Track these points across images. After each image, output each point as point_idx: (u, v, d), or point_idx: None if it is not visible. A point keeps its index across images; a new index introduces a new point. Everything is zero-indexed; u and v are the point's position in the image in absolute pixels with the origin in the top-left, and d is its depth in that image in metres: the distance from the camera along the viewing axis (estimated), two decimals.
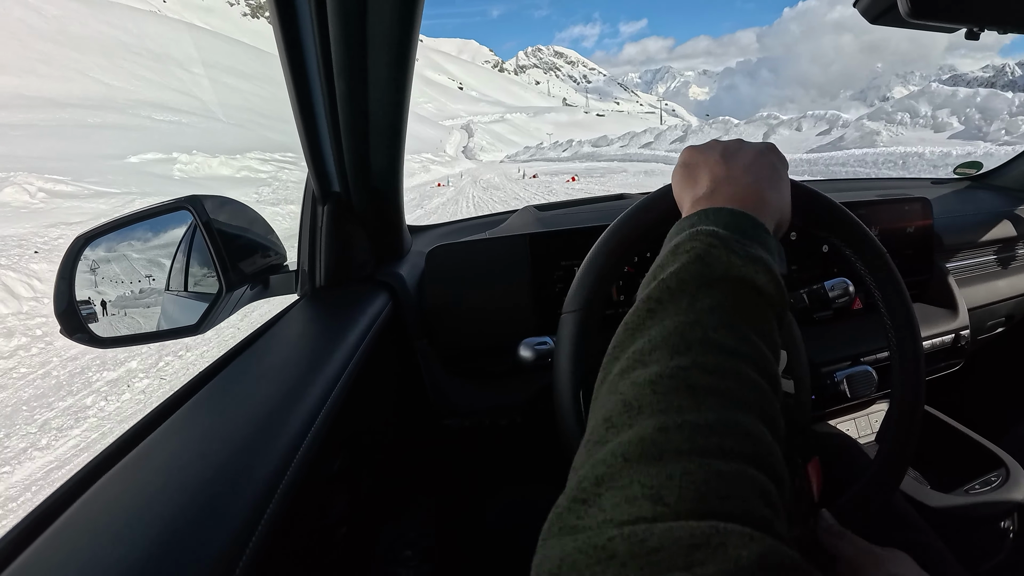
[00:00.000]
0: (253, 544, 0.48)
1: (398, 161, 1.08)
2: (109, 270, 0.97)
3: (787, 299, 0.51)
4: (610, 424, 0.39)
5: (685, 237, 0.52)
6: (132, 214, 0.94)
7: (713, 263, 0.48)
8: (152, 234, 1.00)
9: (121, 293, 0.98)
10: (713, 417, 0.37)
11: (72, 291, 0.89)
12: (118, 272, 0.98)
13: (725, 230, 0.52)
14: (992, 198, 1.87)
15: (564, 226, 1.25)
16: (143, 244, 1.00)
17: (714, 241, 0.50)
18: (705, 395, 0.39)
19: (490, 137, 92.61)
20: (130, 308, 1.00)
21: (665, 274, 0.49)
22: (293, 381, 0.75)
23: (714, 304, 0.46)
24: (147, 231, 0.99)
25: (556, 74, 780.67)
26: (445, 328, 1.17)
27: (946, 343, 1.41)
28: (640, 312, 0.47)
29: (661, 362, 0.42)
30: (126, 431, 0.67)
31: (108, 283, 0.97)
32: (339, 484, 0.79)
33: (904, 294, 0.76)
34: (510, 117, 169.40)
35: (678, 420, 0.36)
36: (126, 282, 0.99)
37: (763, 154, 0.65)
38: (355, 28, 0.80)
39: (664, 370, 0.41)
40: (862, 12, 0.96)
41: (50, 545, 0.47)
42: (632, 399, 0.39)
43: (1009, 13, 0.81)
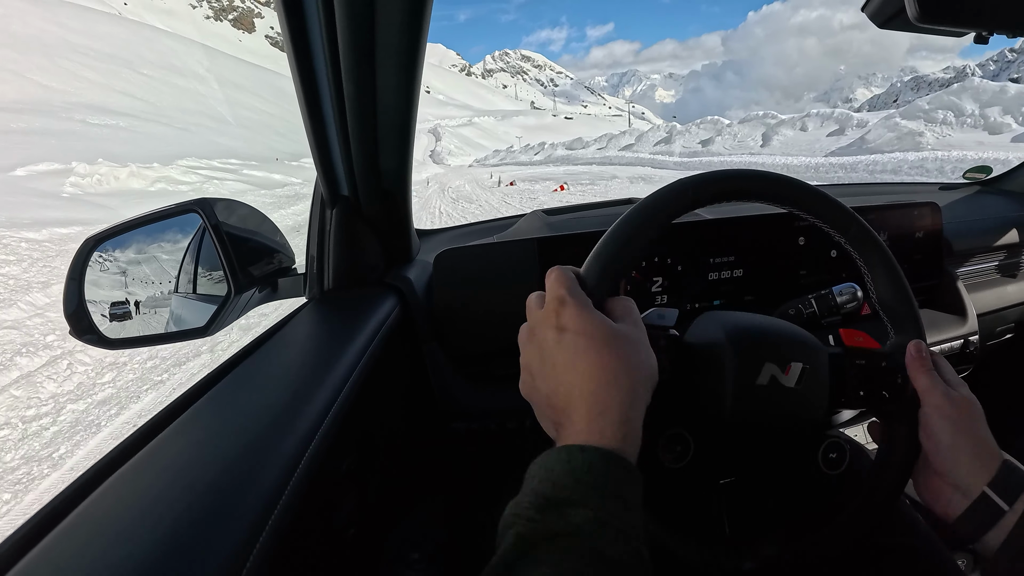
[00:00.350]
0: (260, 545, 0.48)
1: (407, 164, 1.08)
2: (119, 272, 0.97)
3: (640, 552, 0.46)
4: None
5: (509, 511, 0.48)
6: (142, 216, 0.94)
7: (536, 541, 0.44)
8: (161, 236, 1.01)
9: (130, 295, 0.99)
10: None
11: (82, 292, 0.90)
12: (128, 274, 0.98)
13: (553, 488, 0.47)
14: (1002, 203, 1.86)
15: (573, 230, 1.25)
16: (152, 246, 1.01)
17: (534, 515, 0.46)
18: None
19: (458, 141, 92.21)
20: (139, 310, 1.00)
21: (499, 550, 0.44)
22: (301, 383, 0.75)
23: None
24: (156, 233, 0.99)
25: (523, 78, 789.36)
26: (454, 331, 1.17)
27: (955, 349, 1.41)
28: None
29: None
30: (135, 431, 0.67)
31: (118, 285, 0.97)
32: (347, 486, 0.80)
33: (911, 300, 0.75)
34: (478, 121, 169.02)
35: None
36: (136, 284, 1.00)
37: (559, 343, 0.57)
38: (364, 33, 0.80)
39: None
40: (870, 16, 0.96)
41: (58, 544, 0.48)
42: None
43: (1018, 16, 0.81)
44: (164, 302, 1.03)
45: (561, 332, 0.56)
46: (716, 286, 1.25)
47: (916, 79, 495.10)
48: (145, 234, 0.97)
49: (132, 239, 0.96)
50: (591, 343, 0.55)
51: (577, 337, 0.55)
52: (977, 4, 0.80)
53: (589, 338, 0.55)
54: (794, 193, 0.72)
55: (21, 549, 0.47)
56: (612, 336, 0.56)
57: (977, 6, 0.80)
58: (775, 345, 0.70)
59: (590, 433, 0.50)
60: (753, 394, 0.68)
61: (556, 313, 0.58)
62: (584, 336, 0.55)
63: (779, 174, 0.73)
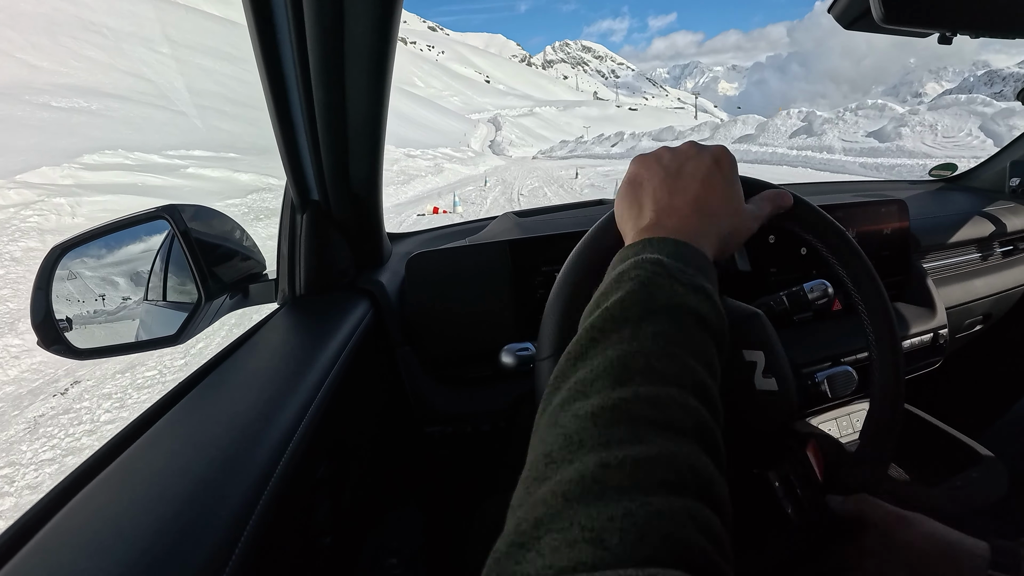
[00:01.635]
0: (237, 555, 0.48)
1: (377, 168, 1.08)
2: (86, 280, 0.96)
3: (727, 326, 0.52)
4: (550, 460, 0.38)
5: (629, 265, 0.52)
6: (109, 224, 0.93)
7: (657, 291, 0.48)
8: (129, 244, 1.00)
9: (99, 303, 0.97)
10: (655, 451, 0.36)
11: (49, 302, 0.88)
12: (95, 282, 0.97)
13: (669, 258, 0.52)
14: (967, 199, 1.90)
15: (544, 232, 1.26)
16: (121, 254, 0.99)
17: (659, 269, 0.50)
18: (647, 428, 0.38)
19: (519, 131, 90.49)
20: (108, 319, 0.99)
21: (609, 302, 0.49)
22: (274, 390, 0.74)
23: (657, 332, 0.45)
24: (124, 241, 0.98)
25: (584, 69, 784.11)
26: (427, 335, 1.17)
27: (925, 342, 1.43)
28: (583, 341, 0.47)
29: (603, 393, 0.41)
30: (107, 442, 0.66)
31: (85, 294, 0.96)
32: (323, 492, 0.79)
33: (879, 286, 0.76)
34: (539, 111, 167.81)
35: (619, 455, 0.36)
36: (104, 292, 0.98)
37: (711, 171, 0.64)
38: (332, 36, 0.80)
39: (606, 402, 0.40)
40: (836, 17, 0.97)
41: (32, 559, 0.47)
42: (573, 433, 0.39)
43: (981, 16, 0.82)
44: (134, 310, 1.02)
45: (716, 165, 0.64)
46: None
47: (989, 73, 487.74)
48: (113, 242, 0.96)
49: (99, 247, 0.95)
50: (725, 190, 0.63)
51: (721, 178, 0.64)
52: (941, 5, 0.81)
53: (727, 187, 0.64)
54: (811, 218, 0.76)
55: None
56: (738, 200, 0.65)
57: (941, 7, 0.81)
58: None
59: (688, 236, 0.57)
60: None
61: (721, 156, 0.65)
62: (725, 182, 0.64)
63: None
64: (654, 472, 0.35)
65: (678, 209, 0.60)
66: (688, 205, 0.60)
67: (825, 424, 1.32)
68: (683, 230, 0.57)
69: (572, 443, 0.38)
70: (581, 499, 0.34)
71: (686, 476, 0.35)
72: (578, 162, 32.95)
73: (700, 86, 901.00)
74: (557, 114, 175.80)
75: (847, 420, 1.39)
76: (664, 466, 0.35)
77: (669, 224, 0.59)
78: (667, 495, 0.34)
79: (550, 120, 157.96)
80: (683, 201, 0.61)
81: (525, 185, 20.24)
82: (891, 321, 0.76)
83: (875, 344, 0.77)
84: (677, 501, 0.33)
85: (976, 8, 0.83)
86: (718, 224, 0.60)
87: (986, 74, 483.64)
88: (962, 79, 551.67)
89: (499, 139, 63.00)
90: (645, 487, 0.34)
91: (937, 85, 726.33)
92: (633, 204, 0.65)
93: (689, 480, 0.35)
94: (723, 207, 0.62)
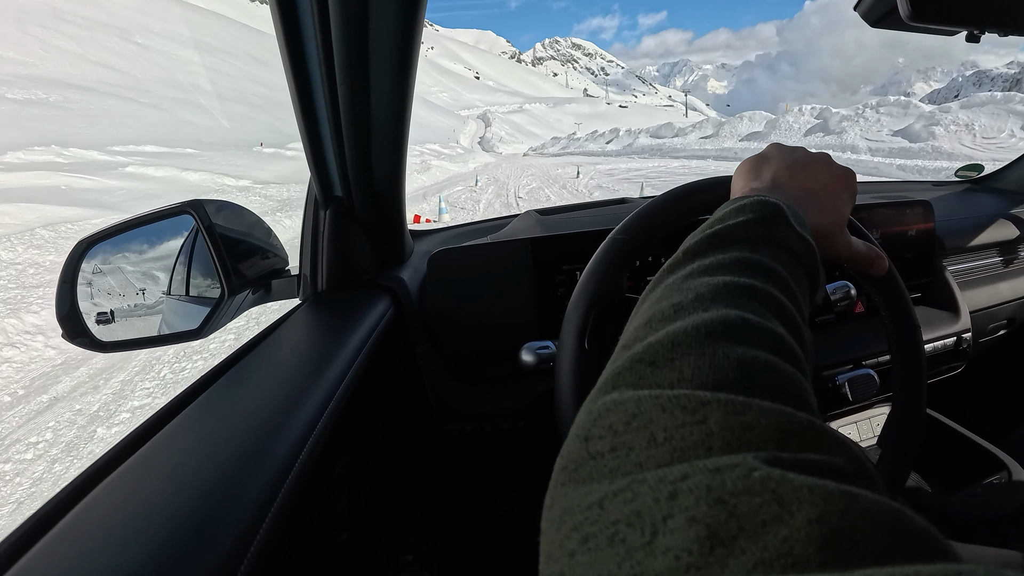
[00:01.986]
0: (254, 549, 0.48)
1: (400, 165, 1.08)
2: (111, 274, 0.97)
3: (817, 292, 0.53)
4: (680, 307, 0.38)
5: (751, 202, 0.52)
6: (134, 219, 0.94)
7: (775, 229, 0.49)
8: (154, 239, 1.00)
9: (123, 297, 0.98)
10: (781, 330, 0.37)
11: (74, 295, 0.89)
12: (120, 276, 0.98)
13: (789, 210, 0.52)
14: (993, 201, 1.87)
15: (566, 230, 1.25)
16: (145, 249, 1.00)
17: (781, 211, 0.51)
18: (777, 310, 0.39)
19: (509, 127, 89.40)
20: (132, 312, 1.00)
21: (728, 223, 0.49)
22: (295, 386, 0.75)
23: (772, 257, 0.46)
24: (149, 236, 0.99)
25: (574, 66, 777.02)
26: (447, 333, 1.17)
27: (948, 346, 1.41)
28: (701, 242, 0.48)
29: (732, 274, 0.42)
30: (128, 435, 0.67)
31: (111, 287, 0.97)
32: (340, 489, 0.79)
33: (905, 295, 0.76)
34: (529, 107, 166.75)
35: (756, 319, 0.36)
36: (128, 286, 0.99)
37: (835, 180, 0.64)
38: (357, 34, 0.80)
39: (736, 280, 0.41)
40: (863, 15, 0.96)
41: (52, 549, 0.47)
42: (706, 293, 0.39)
43: (1009, 15, 0.81)
44: (157, 304, 1.03)
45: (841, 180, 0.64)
46: None
47: (978, 74, 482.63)
48: (138, 236, 0.97)
49: (125, 241, 0.96)
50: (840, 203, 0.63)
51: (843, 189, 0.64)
52: (968, 3, 0.80)
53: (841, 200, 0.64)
54: None
55: (14, 555, 0.47)
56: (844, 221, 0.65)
57: (968, 5, 0.80)
58: None
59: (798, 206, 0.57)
60: None
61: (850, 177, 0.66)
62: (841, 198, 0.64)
63: None
64: (785, 344, 0.36)
65: (793, 190, 0.61)
66: (803, 191, 0.61)
67: (845, 428, 1.31)
68: (796, 204, 0.58)
69: (705, 299, 0.39)
70: (725, 338, 0.34)
71: (793, 349, 0.36)
72: (573, 159, 31.18)
73: (689, 84, 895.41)
74: (547, 111, 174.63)
75: (867, 424, 1.38)
76: (791, 343, 0.36)
77: (782, 196, 0.58)
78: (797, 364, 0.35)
79: (540, 117, 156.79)
80: (800, 187, 0.62)
81: (522, 185, 18.54)
82: (914, 325, 0.76)
83: (897, 349, 0.76)
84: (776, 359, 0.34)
85: (1004, 6, 0.82)
86: (819, 221, 0.61)
87: (975, 74, 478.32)
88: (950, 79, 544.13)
89: (489, 135, 61.99)
90: (780, 351, 0.35)
91: (925, 85, 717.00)
92: (753, 171, 0.65)
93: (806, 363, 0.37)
94: (830, 211, 0.62)
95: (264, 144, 25.82)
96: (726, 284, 0.40)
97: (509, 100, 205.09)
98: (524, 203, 14.42)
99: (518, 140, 72.39)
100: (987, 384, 1.85)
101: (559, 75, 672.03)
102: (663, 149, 31.06)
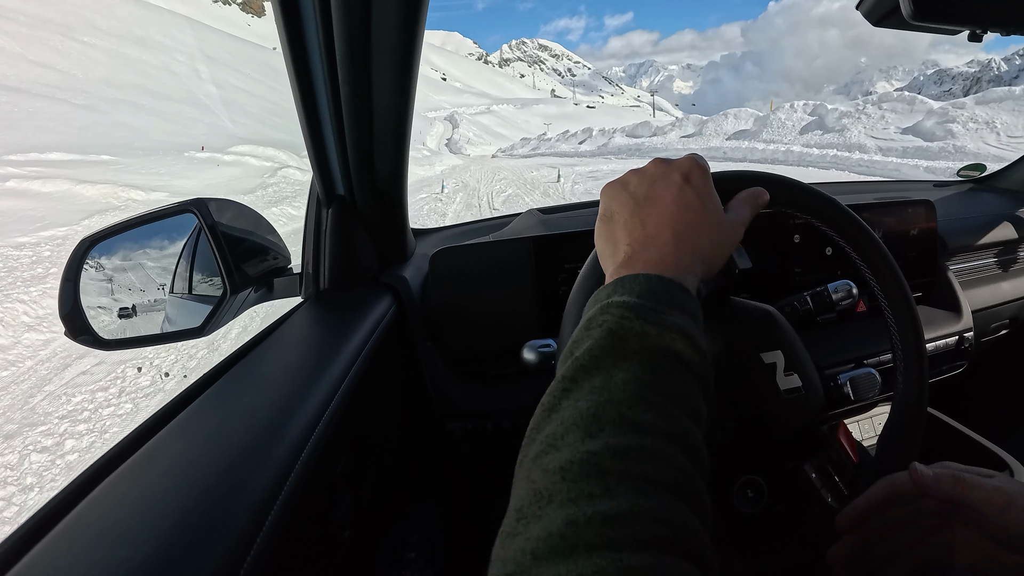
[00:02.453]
0: (257, 546, 0.49)
1: (403, 164, 1.08)
2: (114, 272, 0.97)
3: (709, 362, 0.50)
4: (521, 515, 0.37)
5: (596, 311, 0.50)
6: (137, 217, 0.94)
7: (626, 336, 0.47)
8: (157, 237, 1.01)
9: (126, 295, 0.98)
10: (626, 505, 0.36)
11: (77, 293, 0.89)
12: (123, 274, 0.98)
13: (639, 299, 0.50)
14: (996, 200, 1.87)
15: (568, 229, 1.25)
16: (148, 246, 1.01)
17: (626, 313, 0.48)
18: (618, 481, 0.37)
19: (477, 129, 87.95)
20: (135, 310, 1.00)
21: (579, 351, 0.47)
22: (297, 384, 0.75)
23: (629, 379, 0.44)
24: (152, 234, 0.99)
25: (541, 67, 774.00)
26: (449, 331, 1.17)
27: (950, 345, 1.41)
28: (555, 392, 0.46)
29: (573, 446, 0.40)
30: (130, 432, 0.67)
31: (113, 285, 0.97)
32: (343, 486, 0.80)
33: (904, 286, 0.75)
34: (497, 108, 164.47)
35: (588, 511, 0.35)
36: (131, 284, 0.99)
37: (682, 190, 0.60)
38: (359, 32, 0.80)
39: (575, 455, 0.39)
40: (865, 15, 0.96)
41: (55, 546, 0.48)
42: (543, 488, 0.38)
43: (1012, 14, 0.81)
44: (159, 302, 1.03)
45: (686, 182, 0.61)
46: None
47: (939, 73, 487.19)
48: (141, 235, 0.97)
49: (128, 240, 0.96)
50: (701, 207, 0.60)
51: (694, 195, 0.60)
52: (970, 2, 0.80)
53: (702, 202, 0.61)
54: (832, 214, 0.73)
55: (18, 551, 0.47)
56: (717, 214, 0.62)
57: (971, 4, 0.80)
58: None
59: (666, 266, 0.55)
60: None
61: (691, 170, 0.62)
62: (699, 198, 0.60)
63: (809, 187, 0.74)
64: (624, 528, 0.34)
65: (654, 238, 0.58)
66: (664, 231, 0.58)
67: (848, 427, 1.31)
68: (662, 261, 0.55)
69: (542, 498, 0.37)
70: (549, 557, 0.33)
71: (659, 529, 0.35)
72: (546, 161, 28.37)
73: (656, 85, 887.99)
74: (515, 112, 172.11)
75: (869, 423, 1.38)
76: (635, 521, 0.35)
77: (646, 256, 0.57)
78: (639, 551, 0.33)
79: (508, 118, 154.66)
80: (657, 228, 0.58)
81: (495, 192, 16.91)
82: (913, 315, 0.75)
83: (899, 346, 0.76)
84: (649, 556, 0.33)
85: (1006, 6, 0.82)
86: (699, 244, 0.59)
87: (935, 73, 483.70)
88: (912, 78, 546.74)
89: (456, 137, 60.84)
90: (615, 544, 0.33)
91: (887, 84, 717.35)
92: (609, 240, 0.63)
93: (663, 533, 0.35)
94: (701, 225, 0.60)
95: (205, 148, 23.82)
96: (562, 468, 0.39)
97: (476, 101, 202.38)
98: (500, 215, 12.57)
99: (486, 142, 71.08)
100: (989, 384, 1.84)
101: (526, 76, 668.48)
102: (642, 149, 28.80)
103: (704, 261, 0.59)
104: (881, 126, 19.60)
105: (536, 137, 51.08)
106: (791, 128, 22.86)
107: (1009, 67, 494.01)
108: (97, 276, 0.94)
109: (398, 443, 1.15)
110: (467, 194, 16.71)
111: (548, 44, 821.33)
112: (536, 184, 18.20)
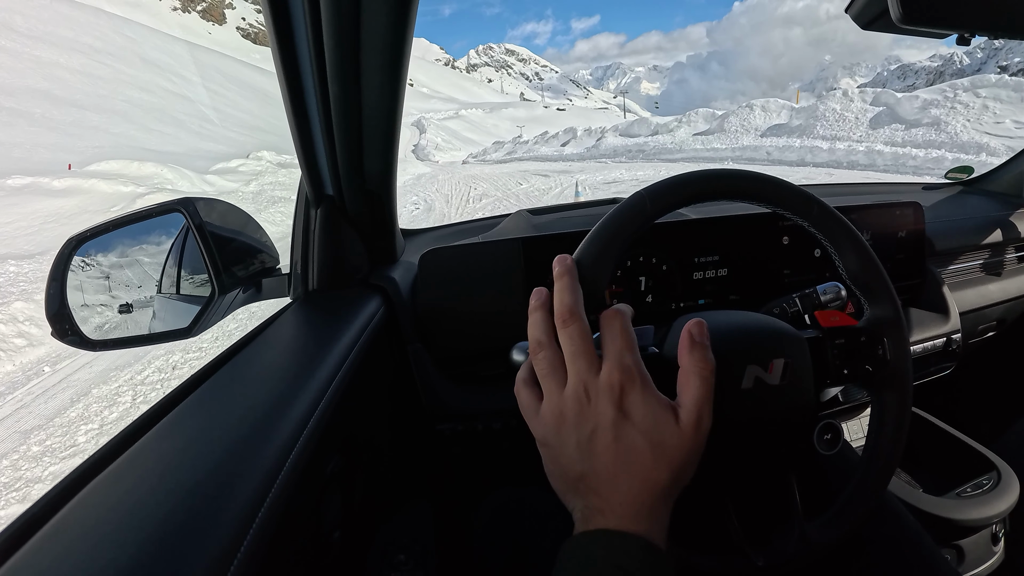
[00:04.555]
0: (245, 548, 0.48)
1: (392, 164, 1.08)
2: (101, 272, 0.96)
3: None
4: None
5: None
6: (124, 216, 0.94)
7: None
8: (144, 236, 1.00)
9: (113, 296, 0.98)
10: None
11: (63, 293, 0.89)
12: (110, 275, 0.97)
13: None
14: (983, 203, 1.88)
15: (557, 230, 1.25)
16: (135, 246, 1.00)
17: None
18: None
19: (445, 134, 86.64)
20: (122, 311, 0.99)
21: None
22: (285, 384, 0.74)
23: None
24: (139, 233, 0.98)
25: (508, 72, 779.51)
26: (438, 332, 1.17)
27: (937, 347, 1.42)
28: None
29: None
30: (117, 434, 0.66)
31: (100, 285, 0.96)
32: (332, 488, 0.79)
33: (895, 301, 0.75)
34: (465, 113, 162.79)
35: None
36: (118, 285, 0.99)
37: (618, 428, 0.53)
38: (349, 32, 0.80)
39: None
40: (854, 18, 0.97)
41: (41, 547, 0.47)
42: None
43: (1000, 18, 0.82)
44: (147, 303, 1.02)
45: (624, 418, 0.53)
46: (701, 285, 1.25)
47: (902, 68, 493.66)
48: (128, 234, 0.96)
49: (115, 239, 0.95)
50: (647, 444, 0.53)
51: (637, 433, 0.53)
52: (959, 6, 0.80)
53: (646, 437, 0.53)
54: (752, 186, 0.72)
55: (3, 553, 0.47)
56: (668, 434, 0.53)
57: (959, 8, 0.80)
58: (754, 345, 0.70)
59: (625, 520, 0.51)
60: (740, 400, 0.68)
61: (624, 387, 0.54)
62: (644, 436, 0.53)
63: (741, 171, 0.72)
64: None
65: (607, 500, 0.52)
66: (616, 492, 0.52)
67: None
68: (625, 516, 0.51)
69: None
70: None
71: None
72: (529, 167, 24.03)
73: (623, 86, 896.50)
74: (484, 116, 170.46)
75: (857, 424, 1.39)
76: None
77: (609, 521, 0.51)
78: None
79: (477, 123, 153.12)
80: (609, 490, 0.53)
81: (478, 211, 12.56)
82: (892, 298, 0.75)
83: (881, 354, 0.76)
84: None
85: (994, 9, 0.83)
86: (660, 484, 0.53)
87: (899, 68, 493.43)
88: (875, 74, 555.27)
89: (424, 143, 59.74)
90: None
91: (851, 80, 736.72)
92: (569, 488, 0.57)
93: None
94: (656, 462, 0.52)
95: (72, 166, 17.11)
96: None
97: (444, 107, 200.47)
98: None
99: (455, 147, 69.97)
100: (976, 385, 1.86)
101: (494, 81, 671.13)
102: (646, 150, 23.97)
103: (673, 490, 0.54)
104: (989, 118, 15.98)
105: (511, 140, 48.84)
106: (852, 120, 18.49)
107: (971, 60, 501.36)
108: (84, 276, 0.93)
109: (388, 444, 1.14)
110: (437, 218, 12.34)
111: (515, 48, 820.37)
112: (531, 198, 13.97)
